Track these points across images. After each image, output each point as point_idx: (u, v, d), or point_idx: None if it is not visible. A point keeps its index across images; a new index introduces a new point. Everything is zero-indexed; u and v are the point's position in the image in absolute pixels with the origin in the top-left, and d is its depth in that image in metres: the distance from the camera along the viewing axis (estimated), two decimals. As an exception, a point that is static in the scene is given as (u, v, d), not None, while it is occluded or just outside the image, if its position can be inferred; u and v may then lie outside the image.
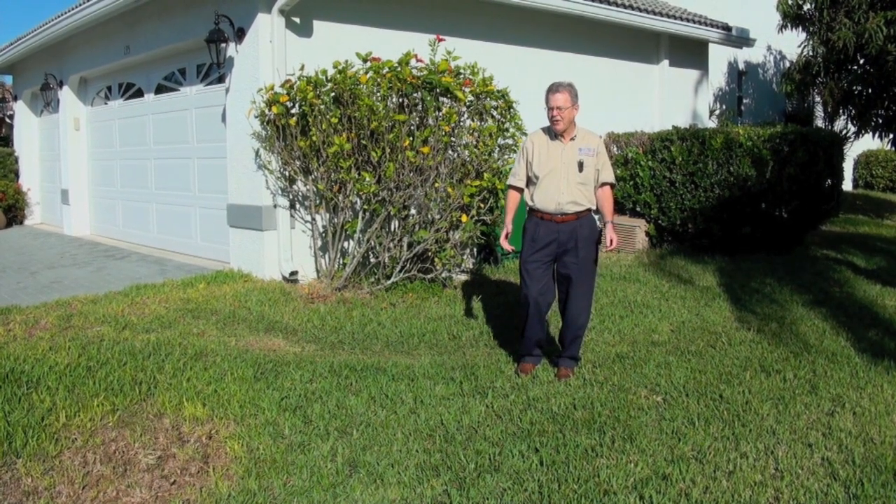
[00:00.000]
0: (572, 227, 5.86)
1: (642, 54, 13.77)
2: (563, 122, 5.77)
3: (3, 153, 17.96)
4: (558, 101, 5.72)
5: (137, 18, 11.24)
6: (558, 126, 5.79)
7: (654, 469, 4.21)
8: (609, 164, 5.97)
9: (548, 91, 5.83)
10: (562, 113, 5.73)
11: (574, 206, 5.84)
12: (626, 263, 10.32)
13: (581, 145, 5.86)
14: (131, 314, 7.54)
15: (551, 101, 5.75)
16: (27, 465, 4.37)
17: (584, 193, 5.87)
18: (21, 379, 5.61)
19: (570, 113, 5.77)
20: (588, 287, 5.95)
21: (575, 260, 5.85)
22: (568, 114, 5.76)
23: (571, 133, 5.88)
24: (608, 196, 6.01)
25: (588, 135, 5.96)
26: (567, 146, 5.87)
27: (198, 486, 4.17)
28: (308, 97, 8.08)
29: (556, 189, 5.85)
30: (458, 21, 10.49)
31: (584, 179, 5.85)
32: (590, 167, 5.84)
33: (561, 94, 5.73)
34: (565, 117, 5.75)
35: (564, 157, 5.85)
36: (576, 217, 5.86)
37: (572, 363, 5.98)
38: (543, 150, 5.96)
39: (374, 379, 5.62)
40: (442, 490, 4.02)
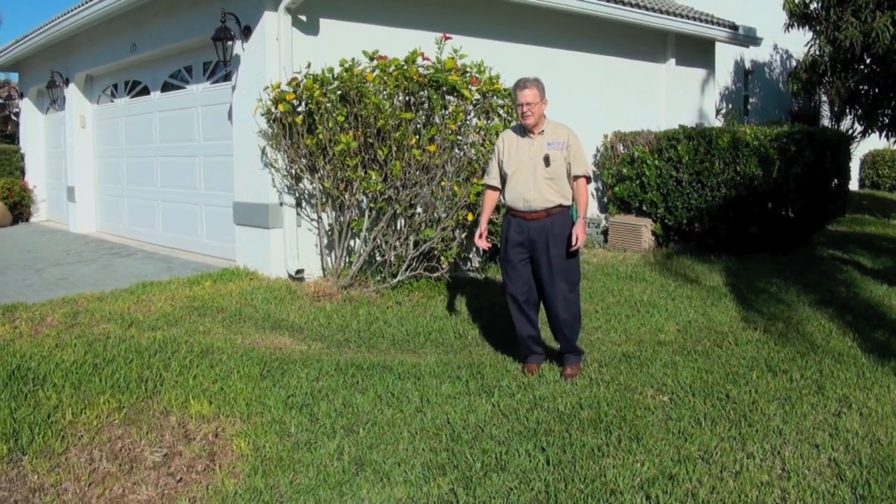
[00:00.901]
0: (542, 224, 5.80)
1: (649, 53, 13.75)
2: (533, 118, 5.77)
3: (9, 150, 17.99)
4: (527, 96, 5.72)
5: (144, 16, 11.24)
6: (528, 121, 5.79)
7: (660, 469, 4.20)
8: (582, 156, 5.89)
9: (515, 87, 5.84)
10: (531, 108, 5.73)
11: (543, 202, 5.78)
12: (633, 262, 10.31)
13: (550, 139, 5.83)
14: (137, 312, 7.54)
15: (520, 98, 5.75)
16: (33, 461, 4.38)
17: (554, 189, 5.79)
18: (27, 376, 5.63)
19: (539, 108, 5.77)
20: (564, 285, 5.83)
21: (546, 259, 5.78)
22: (537, 109, 5.76)
23: (541, 128, 5.86)
24: (581, 190, 5.86)
25: (558, 128, 5.92)
26: (535, 141, 5.85)
27: (204, 483, 4.18)
28: (314, 95, 8.07)
29: (525, 186, 5.82)
30: (464, 19, 10.48)
31: (552, 174, 5.78)
32: (558, 161, 5.77)
33: (529, 89, 5.73)
34: (535, 112, 5.75)
35: (532, 153, 5.83)
36: (546, 214, 5.79)
37: (575, 358, 5.94)
38: (513, 147, 5.96)
39: (381, 377, 5.62)
40: (448, 489, 4.02)
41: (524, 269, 5.91)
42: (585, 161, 5.90)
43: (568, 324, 5.87)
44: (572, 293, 5.90)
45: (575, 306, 5.94)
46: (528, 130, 5.87)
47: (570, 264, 5.85)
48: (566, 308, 5.85)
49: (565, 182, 5.83)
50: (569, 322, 5.87)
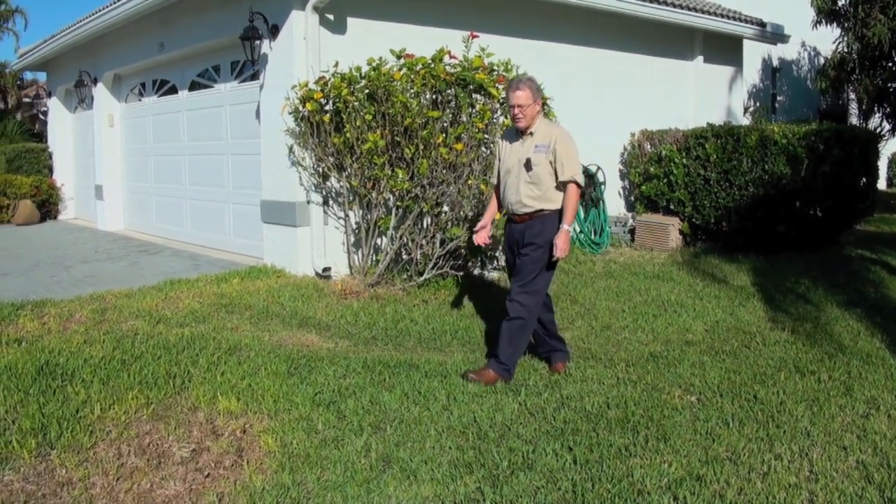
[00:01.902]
0: (524, 227, 5.74)
1: (677, 50, 13.68)
2: (526, 120, 5.66)
3: (37, 149, 18.15)
4: (519, 98, 5.59)
5: (172, 16, 11.31)
6: (521, 123, 5.69)
7: (688, 470, 4.17)
8: (571, 160, 5.63)
9: (508, 88, 5.77)
10: (524, 111, 5.62)
11: (522, 206, 5.70)
12: (660, 262, 10.27)
13: (537, 142, 5.68)
14: (165, 308, 7.60)
15: (512, 99, 5.63)
16: (62, 456, 4.42)
17: (536, 193, 5.65)
18: (56, 371, 5.68)
19: (532, 109, 5.64)
20: (521, 285, 5.67)
21: (518, 259, 5.74)
22: (529, 111, 5.64)
23: (531, 129, 5.73)
24: (569, 197, 5.63)
25: (548, 130, 5.74)
26: (525, 143, 5.74)
27: (232, 479, 4.19)
28: (342, 94, 8.09)
29: (510, 189, 5.78)
30: (491, 18, 10.47)
31: (534, 178, 5.64)
32: (541, 165, 5.61)
33: (522, 91, 5.59)
34: (527, 114, 5.64)
35: (520, 155, 5.73)
36: (529, 218, 5.71)
37: (495, 365, 5.65)
38: (507, 149, 5.90)
39: (407, 375, 5.62)
40: (475, 487, 4.01)
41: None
42: (573, 166, 5.64)
43: (510, 324, 5.66)
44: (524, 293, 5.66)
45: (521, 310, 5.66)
46: (521, 132, 5.77)
47: (535, 269, 5.65)
48: (515, 306, 5.66)
49: (550, 187, 5.66)
50: (512, 322, 5.66)
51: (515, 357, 5.72)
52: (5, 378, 5.53)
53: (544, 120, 5.86)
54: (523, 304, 5.67)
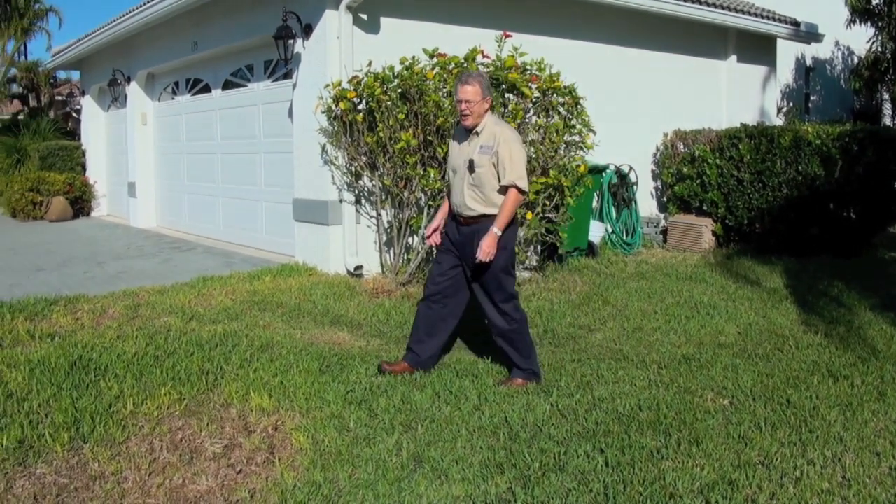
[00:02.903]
0: (471, 230, 5.47)
1: (710, 50, 13.60)
2: (473, 117, 5.36)
3: (71, 146, 18.32)
4: (467, 93, 5.31)
5: (205, 15, 11.38)
6: (467, 121, 5.40)
7: (720, 474, 4.13)
8: (513, 163, 5.32)
9: (456, 82, 5.47)
10: (471, 107, 5.32)
11: (466, 209, 5.47)
12: (693, 263, 10.20)
13: (482, 142, 5.39)
14: (198, 305, 7.65)
15: (460, 94, 5.34)
16: (94, 450, 4.45)
17: (479, 196, 5.42)
18: (89, 366, 5.74)
19: (479, 106, 5.35)
20: (489, 295, 5.55)
21: (472, 265, 5.48)
22: (477, 108, 5.34)
23: (478, 128, 5.43)
24: (507, 200, 5.36)
25: (494, 129, 5.41)
26: (471, 143, 5.46)
27: (263, 475, 4.20)
28: (375, 93, 8.12)
29: (456, 189, 5.56)
30: (523, 17, 10.45)
31: (476, 181, 5.38)
32: (484, 167, 5.34)
33: (471, 85, 5.31)
34: (474, 111, 5.34)
35: (465, 156, 5.47)
36: (474, 222, 5.47)
37: (520, 374, 5.58)
38: (455, 147, 5.66)
39: (439, 375, 5.63)
40: (506, 488, 4.00)
41: (449, 261, 5.69)
42: (516, 169, 5.33)
43: (508, 334, 5.59)
44: (507, 304, 5.57)
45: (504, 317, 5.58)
46: (468, 131, 5.50)
47: (495, 274, 5.49)
48: (498, 317, 5.58)
49: (493, 190, 5.40)
50: (507, 332, 5.59)
51: (532, 353, 5.65)
52: (39, 372, 5.60)
53: (493, 119, 5.53)
54: (509, 314, 5.58)
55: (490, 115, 5.51)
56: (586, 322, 7.38)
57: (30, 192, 16.38)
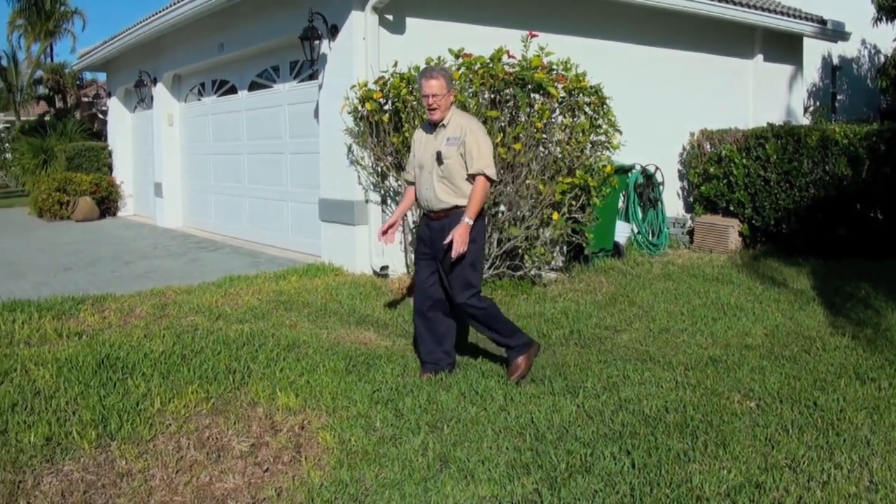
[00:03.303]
0: (442, 224, 5.49)
1: (736, 49, 13.53)
2: (440, 111, 5.43)
3: (97, 147, 18.48)
4: (433, 87, 5.36)
5: (231, 17, 11.43)
6: (434, 115, 5.46)
7: (747, 476, 4.10)
8: (483, 152, 5.38)
9: (420, 76, 5.50)
10: (438, 100, 5.38)
11: (437, 202, 5.50)
12: (719, 264, 10.15)
13: (449, 134, 5.45)
14: (225, 305, 7.69)
15: (425, 89, 5.39)
16: (121, 447, 4.49)
17: (449, 189, 5.45)
18: (116, 365, 5.79)
19: (446, 100, 5.42)
20: (454, 287, 5.53)
21: (445, 258, 5.46)
22: (444, 101, 5.41)
23: (444, 121, 5.50)
24: (476, 188, 5.38)
25: (459, 121, 5.49)
26: (438, 136, 5.52)
27: (290, 474, 4.22)
28: (401, 93, 8.13)
29: (424, 184, 5.58)
30: (549, 16, 10.43)
31: (445, 172, 5.42)
32: (452, 158, 5.38)
33: (436, 80, 5.36)
34: (441, 105, 5.41)
35: (432, 149, 5.52)
36: (445, 215, 5.49)
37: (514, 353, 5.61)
38: (421, 142, 5.68)
39: (465, 375, 5.62)
40: (533, 489, 3.99)
41: (428, 266, 5.70)
42: (484, 157, 5.39)
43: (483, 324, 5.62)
44: (472, 297, 5.56)
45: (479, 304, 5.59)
46: (434, 124, 5.56)
47: (466, 268, 5.49)
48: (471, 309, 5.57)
49: (463, 181, 5.44)
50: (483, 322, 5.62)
51: (513, 330, 5.68)
52: (66, 370, 5.66)
53: (458, 112, 5.63)
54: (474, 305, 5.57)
55: (454, 108, 5.61)
56: (612, 323, 7.35)
57: (56, 192, 16.53)
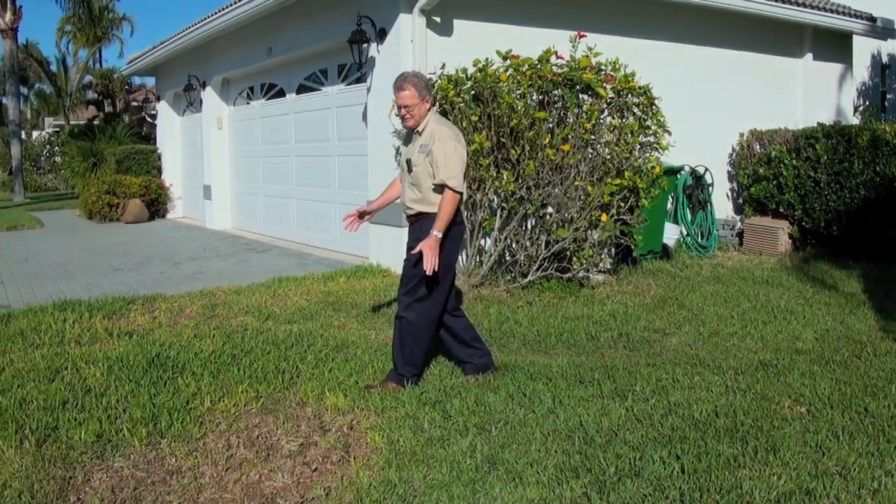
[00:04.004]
0: (414, 228, 5.49)
1: (785, 48, 13.38)
2: (413, 120, 5.35)
3: (146, 150, 18.74)
4: (404, 98, 5.29)
5: (280, 21, 11.53)
6: (408, 124, 5.41)
7: (797, 483, 4.03)
8: (450, 161, 5.22)
9: (393, 87, 5.40)
10: (410, 111, 5.32)
11: (407, 208, 5.51)
12: (769, 266, 10.05)
13: (422, 141, 5.36)
14: (274, 305, 7.76)
15: (398, 100, 5.33)
16: (172, 445, 4.54)
17: (417, 196, 5.38)
18: (166, 364, 5.88)
19: (419, 109, 5.32)
20: (407, 297, 5.42)
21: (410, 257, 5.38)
22: (417, 110, 5.32)
23: (419, 128, 5.41)
24: (443, 201, 5.25)
25: (432, 128, 5.36)
26: (414, 143, 5.46)
27: (339, 474, 4.23)
28: (449, 95, 8.15)
29: (402, 188, 5.59)
30: (596, 17, 10.39)
31: (414, 180, 5.37)
32: (420, 166, 5.31)
33: (406, 90, 5.27)
34: (415, 114, 5.33)
35: (407, 155, 5.50)
36: (416, 219, 5.47)
37: (394, 376, 5.49)
38: (403, 148, 5.71)
39: (513, 377, 5.60)
40: (581, 492, 3.96)
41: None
42: (450, 168, 5.23)
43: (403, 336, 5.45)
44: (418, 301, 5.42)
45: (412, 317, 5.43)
46: (413, 131, 5.50)
47: (417, 273, 5.31)
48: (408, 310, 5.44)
49: (429, 189, 5.33)
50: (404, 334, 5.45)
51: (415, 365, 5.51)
52: (117, 369, 5.76)
53: (435, 118, 5.47)
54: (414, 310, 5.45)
55: (433, 114, 5.48)
56: (661, 326, 7.30)
57: (106, 194, 16.80)
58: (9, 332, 6.85)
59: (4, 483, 4.08)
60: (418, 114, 5.35)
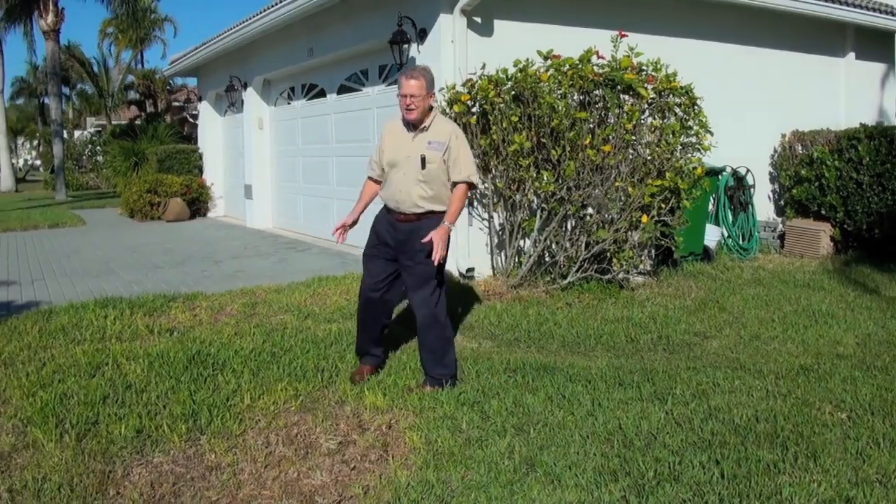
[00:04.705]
0: (410, 228, 5.38)
1: (827, 47, 13.21)
2: (417, 112, 5.27)
3: (188, 150, 18.91)
4: (412, 88, 5.21)
5: (321, 22, 11.59)
6: (411, 116, 5.30)
7: (837, 491, 3.97)
8: (466, 159, 5.36)
9: (400, 76, 5.34)
10: (416, 101, 5.23)
11: (412, 206, 5.37)
12: (810, 270, 9.95)
13: (430, 138, 5.33)
14: (313, 304, 7.80)
15: (404, 88, 5.24)
16: (211, 441, 4.58)
17: (428, 193, 5.34)
18: (206, 361, 5.94)
19: (424, 102, 5.27)
20: (424, 295, 5.42)
21: (410, 264, 5.38)
22: (422, 102, 5.26)
23: (423, 123, 5.36)
24: (458, 195, 5.37)
25: (442, 126, 5.42)
26: (417, 138, 5.37)
27: (377, 473, 4.24)
28: (489, 96, 8.15)
29: (398, 185, 5.40)
30: (638, 16, 10.33)
31: (426, 177, 5.31)
32: (434, 163, 5.29)
33: (415, 80, 5.22)
34: (419, 106, 5.25)
35: (410, 151, 5.37)
36: (416, 218, 5.38)
37: (433, 382, 5.46)
38: (395, 140, 5.49)
39: (551, 378, 5.58)
40: (620, 496, 3.93)
41: (384, 268, 5.59)
42: (468, 166, 5.37)
43: (433, 342, 5.48)
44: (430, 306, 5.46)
45: (434, 322, 5.47)
46: (412, 126, 5.41)
47: (432, 274, 5.39)
48: (428, 323, 5.46)
49: (442, 187, 5.37)
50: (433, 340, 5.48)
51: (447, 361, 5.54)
52: (157, 365, 5.82)
53: (440, 116, 5.53)
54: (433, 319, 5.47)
55: (435, 111, 5.50)
56: (702, 329, 7.26)
57: (147, 193, 16.97)
58: (50, 328, 6.94)
59: (45, 476, 4.14)
60: (421, 107, 5.30)
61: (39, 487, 4.03)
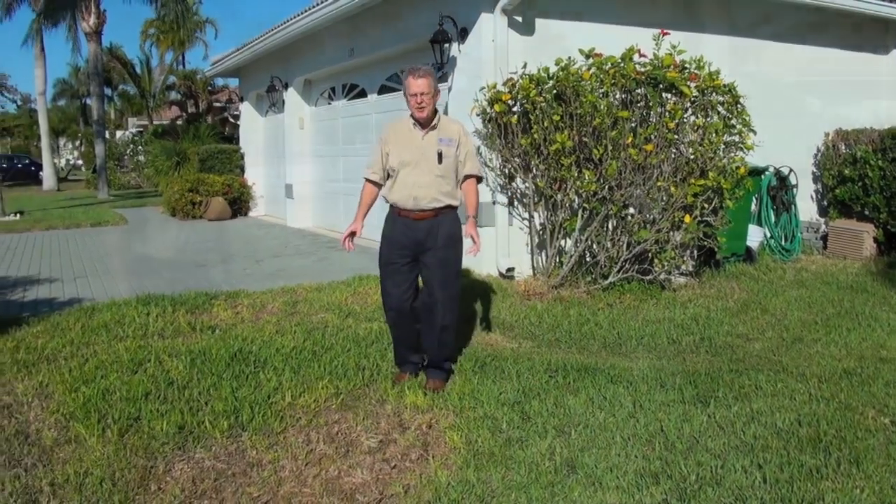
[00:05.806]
0: (430, 224, 5.44)
1: (869, 44, 13.00)
2: (428, 109, 5.35)
3: (230, 150, 19.08)
4: (421, 86, 5.28)
5: (362, 22, 11.64)
6: (422, 113, 5.35)
7: (880, 497, 3.91)
8: (474, 154, 5.56)
9: (408, 75, 5.41)
10: (426, 99, 5.30)
11: (432, 201, 5.42)
12: (853, 271, 9.82)
13: (441, 135, 5.42)
14: (354, 303, 7.83)
15: (413, 87, 5.31)
16: (252, 438, 4.62)
17: (444, 188, 5.43)
18: (248, 358, 5.99)
19: (433, 99, 5.36)
20: (452, 288, 5.56)
21: (434, 258, 5.45)
22: (431, 100, 5.34)
23: (432, 122, 5.43)
24: (473, 190, 5.55)
25: (449, 124, 5.56)
26: (427, 136, 5.43)
27: (417, 472, 4.25)
28: (530, 95, 8.14)
29: (414, 183, 5.42)
30: (680, 14, 10.26)
31: (443, 172, 5.39)
32: (450, 158, 5.40)
33: (424, 79, 5.30)
34: (429, 104, 5.34)
35: (423, 149, 5.42)
36: (434, 214, 5.44)
37: (441, 374, 5.61)
38: (402, 140, 5.52)
39: (592, 380, 5.56)
40: (661, 499, 3.91)
41: (409, 274, 5.62)
42: (477, 160, 5.61)
43: (447, 331, 5.60)
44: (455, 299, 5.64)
45: (453, 314, 5.64)
46: (419, 124, 5.45)
47: (456, 268, 5.61)
48: (450, 311, 5.58)
49: (454, 181, 5.50)
50: (447, 329, 5.60)
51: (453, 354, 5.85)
52: (199, 362, 5.89)
53: (442, 114, 5.61)
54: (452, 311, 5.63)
55: (439, 110, 5.62)
56: (744, 331, 7.19)
57: (189, 192, 17.15)
58: (93, 325, 7.04)
59: (86, 470, 4.20)
60: (431, 104, 5.38)
61: (81, 482, 4.09)
